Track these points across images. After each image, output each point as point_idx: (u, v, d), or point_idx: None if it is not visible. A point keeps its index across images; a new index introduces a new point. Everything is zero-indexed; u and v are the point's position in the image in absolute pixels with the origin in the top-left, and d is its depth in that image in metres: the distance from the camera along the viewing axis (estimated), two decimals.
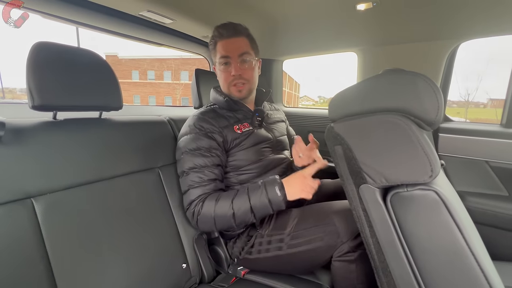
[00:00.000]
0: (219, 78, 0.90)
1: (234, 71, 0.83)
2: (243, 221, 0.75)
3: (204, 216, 0.75)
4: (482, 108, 25.63)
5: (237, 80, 0.85)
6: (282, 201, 0.72)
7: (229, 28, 0.84)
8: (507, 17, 0.99)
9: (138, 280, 0.67)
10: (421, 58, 1.23)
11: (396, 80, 0.46)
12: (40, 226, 0.55)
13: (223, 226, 0.77)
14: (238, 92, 0.87)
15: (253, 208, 0.73)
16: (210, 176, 0.78)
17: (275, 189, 0.73)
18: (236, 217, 0.73)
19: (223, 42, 0.84)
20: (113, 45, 62.04)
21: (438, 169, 0.43)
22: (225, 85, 0.88)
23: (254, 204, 0.73)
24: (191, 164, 0.78)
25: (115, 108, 0.74)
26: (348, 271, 0.67)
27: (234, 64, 0.84)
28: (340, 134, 0.52)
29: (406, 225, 0.46)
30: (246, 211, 0.73)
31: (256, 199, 0.73)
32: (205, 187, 0.77)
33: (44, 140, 0.60)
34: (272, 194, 0.72)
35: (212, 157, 0.79)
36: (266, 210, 0.74)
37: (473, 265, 0.41)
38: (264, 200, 0.72)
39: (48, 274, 0.53)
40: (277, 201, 0.72)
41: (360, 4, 1.03)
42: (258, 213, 0.74)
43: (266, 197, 0.72)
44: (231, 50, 0.83)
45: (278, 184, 0.73)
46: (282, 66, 1.79)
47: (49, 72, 0.61)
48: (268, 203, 0.73)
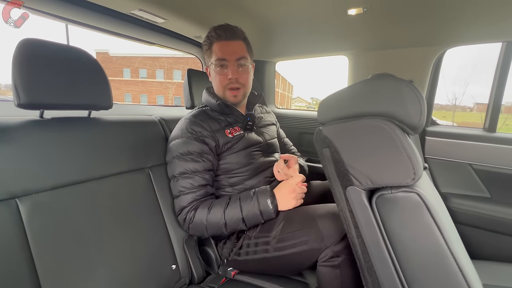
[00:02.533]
0: (214, 80, 0.89)
1: (231, 75, 0.83)
2: (234, 229, 0.78)
3: (196, 224, 0.77)
4: (469, 112, 26.45)
5: (233, 84, 0.85)
6: (274, 213, 0.76)
7: (228, 30, 0.83)
8: (491, 26, 1.03)
9: (126, 282, 0.67)
10: (409, 63, 1.27)
11: (382, 86, 0.48)
12: (24, 227, 0.53)
13: (214, 233, 0.79)
14: (233, 98, 0.87)
15: (245, 218, 0.76)
16: (200, 182, 0.78)
17: (267, 201, 0.76)
18: (227, 226, 0.76)
19: (221, 44, 0.83)
20: (104, 42, 60.82)
21: (421, 172, 0.44)
22: (220, 88, 0.87)
23: (246, 215, 0.76)
24: (182, 169, 0.78)
25: (105, 107, 0.73)
26: (333, 276, 0.68)
27: (231, 67, 0.83)
28: (328, 137, 0.53)
29: (390, 226, 0.47)
30: (237, 221, 0.76)
31: (248, 210, 0.76)
32: (195, 193, 0.77)
33: (30, 139, 0.59)
34: (264, 206, 0.76)
35: (203, 162, 0.79)
36: (257, 220, 0.77)
37: (452, 264, 0.43)
38: (255, 212, 0.76)
39: (33, 276, 0.52)
40: (268, 213, 0.76)
41: (351, 9, 1.05)
42: (249, 223, 0.77)
43: (258, 208, 0.76)
44: (229, 53, 0.83)
45: (270, 197, 0.77)
46: (275, 68, 1.80)
47: (36, 69, 0.59)
48: (259, 215, 0.76)
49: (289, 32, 1.35)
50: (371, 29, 1.21)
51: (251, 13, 1.16)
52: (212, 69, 0.87)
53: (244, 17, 1.19)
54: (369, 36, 1.27)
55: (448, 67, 1.39)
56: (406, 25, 1.12)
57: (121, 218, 0.70)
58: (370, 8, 1.02)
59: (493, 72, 1.16)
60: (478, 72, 51.65)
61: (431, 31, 1.12)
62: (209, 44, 0.85)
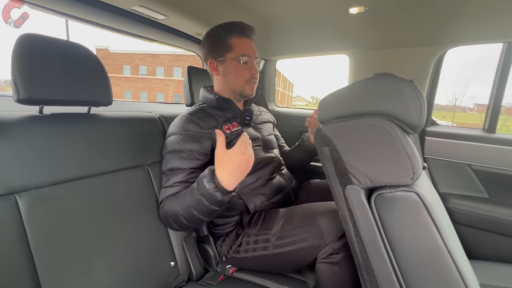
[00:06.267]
0: (233, 74, 0.86)
1: (255, 71, 0.87)
2: (193, 220, 0.70)
3: (164, 216, 0.76)
4: (469, 112, 26.48)
5: (254, 79, 0.89)
6: (217, 192, 0.64)
7: (249, 28, 0.87)
8: (491, 26, 1.03)
9: (125, 278, 0.67)
10: (410, 63, 1.27)
11: (383, 85, 0.48)
12: (23, 223, 0.53)
13: (180, 225, 0.73)
14: (251, 91, 0.90)
15: (194, 207, 0.67)
16: (182, 179, 0.76)
17: (203, 181, 0.65)
18: (184, 216, 0.70)
19: (244, 40, 0.86)
20: (105, 38, 60.57)
21: (420, 171, 0.44)
22: (241, 82, 0.88)
23: (192, 204, 0.67)
24: (170, 166, 0.78)
25: (105, 104, 0.73)
26: (332, 273, 0.68)
27: (253, 64, 0.87)
28: (328, 136, 0.53)
29: (389, 225, 0.47)
30: (188, 209, 0.68)
31: (192, 196, 0.67)
32: (173, 188, 0.75)
33: (29, 134, 0.59)
34: (203, 189, 0.65)
35: (191, 160, 0.77)
36: (204, 207, 0.66)
37: (450, 263, 0.43)
38: (197, 197, 0.66)
39: (31, 272, 0.52)
40: (209, 195, 0.64)
41: (352, 7, 1.04)
42: (200, 211, 0.67)
43: (197, 192, 0.66)
44: (251, 51, 0.87)
45: (206, 176, 0.65)
46: (275, 66, 1.80)
47: (36, 64, 0.59)
48: (203, 199, 0.65)
49: (290, 30, 1.34)
50: (372, 28, 1.20)
51: (252, 10, 1.15)
52: (229, 63, 0.85)
53: (245, 14, 1.18)
54: (370, 35, 1.27)
55: (448, 68, 1.39)
56: (407, 25, 1.12)
57: (120, 214, 0.70)
58: (372, 7, 1.02)
59: (493, 73, 1.16)
60: (479, 72, 51.72)
61: (432, 31, 1.12)
62: (225, 37, 0.84)
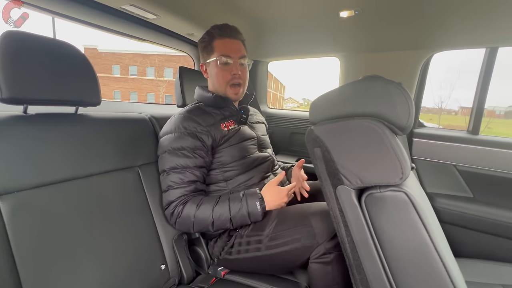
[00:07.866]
0: (215, 76, 0.88)
1: (235, 70, 0.85)
2: (220, 228, 0.79)
3: (184, 219, 0.76)
4: (454, 115, 27.38)
5: (236, 80, 0.87)
6: (261, 215, 0.77)
7: (231, 28, 0.86)
8: (475, 32, 1.08)
9: (114, 283, 0.65)
10: (398, 66, 1.30)
11: (372, 87, 0.49)
12: (5, 227, 0.51)
13: (200, 230, 0.79)
14: (234, 95, 0.89)
15: (232, 218, 0.76)
16: (190, 178, 0.78)
17: (256, 203, 0.76)
18: (215, 224, 0.76)
19: (224, 40, 0.85)
20: (93, 37, 59.26)
21: (408, 171, 0.45)
22: (223, 84, 0.87)
23: (234, 216, 0.76)
24: (173, 164, 0.78)
25: (93, 104, 0.71)
26: (324, 273, 0.69)
27: (235, 65, 0.85)
28: (320, 137, 0.53)
29: (379, 225, 0.48)
30: (225, 220, 0.76)
31: (236, 210, 0.76)
32: (184, 189, 0.77)
33: (12, 135, 0.57)
34: (253, 208, 0.76)
35: (195, 158, 0.79)
36: (244, 221, 0.77)
37: (437, 261, 0.44)
38: (243, 213, 0.76)
39: (14, 279, 0.50)
40: (256, 215, 0.76)
41: (343, 11, 1.06)
42: (236, 223, 0.77)
43: (246, 210, 0.76)
44: (233, 51, 0.85)
45: (259, 199, 0.77)
46: (267, 68, 1.81)
47: (20, 63, 0.57)
48: (247, 216, 0.76)
49: (282, 32, 1.36)
50: (362, 32, 1.23)
51: (244, 12, 1.16)
52: (212, 65, 0.87)
53: (237, 15, 1.18)
54: (360, 39, 1.30)
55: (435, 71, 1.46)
56: (396, 29, 1.15)
57: (108, 217, 0.69)
58: (362, 11, 1.04)
59: (477, 77, 1.21)
60: (463, 76, 53.64)
61: (420, 35, 1.16)
62: (209, 41, 0.86)
